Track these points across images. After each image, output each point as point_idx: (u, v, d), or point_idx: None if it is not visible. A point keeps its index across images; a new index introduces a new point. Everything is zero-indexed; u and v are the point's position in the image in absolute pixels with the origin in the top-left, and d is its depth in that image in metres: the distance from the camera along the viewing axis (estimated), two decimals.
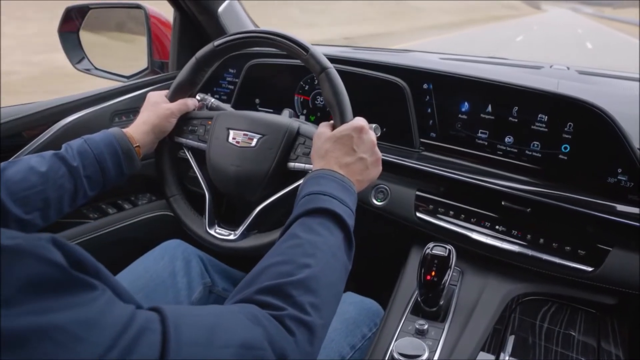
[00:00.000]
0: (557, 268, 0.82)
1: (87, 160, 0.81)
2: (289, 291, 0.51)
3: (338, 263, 0.60)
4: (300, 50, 0.80)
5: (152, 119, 0.90)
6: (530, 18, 33.97)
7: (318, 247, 0.58)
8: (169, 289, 0.98)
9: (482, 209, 0.91)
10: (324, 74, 0.79)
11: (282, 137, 0.85)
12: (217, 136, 0.89)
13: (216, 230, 0.89)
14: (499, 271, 0.88)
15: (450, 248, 0.81)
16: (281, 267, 0.55)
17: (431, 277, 0.79)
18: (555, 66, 1.28)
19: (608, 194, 0.84)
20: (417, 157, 1.02)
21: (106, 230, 1.10)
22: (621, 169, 0.82)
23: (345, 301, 0.93)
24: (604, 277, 0.79)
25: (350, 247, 0.64)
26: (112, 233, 1.12)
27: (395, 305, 0.85)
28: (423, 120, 1.03)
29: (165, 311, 0.41)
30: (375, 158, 0.76)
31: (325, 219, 0.62)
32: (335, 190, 0.66)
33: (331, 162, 0.72)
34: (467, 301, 0.84)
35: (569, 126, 0.87)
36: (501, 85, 0.92)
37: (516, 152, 0.93)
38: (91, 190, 0.82)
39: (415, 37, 13.57)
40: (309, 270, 0.54)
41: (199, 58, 0.90)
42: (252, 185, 0.86)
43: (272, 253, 0.59)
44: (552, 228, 0.85)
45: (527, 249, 0.85)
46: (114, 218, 1.13)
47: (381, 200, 1.01)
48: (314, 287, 0.53)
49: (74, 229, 1.04)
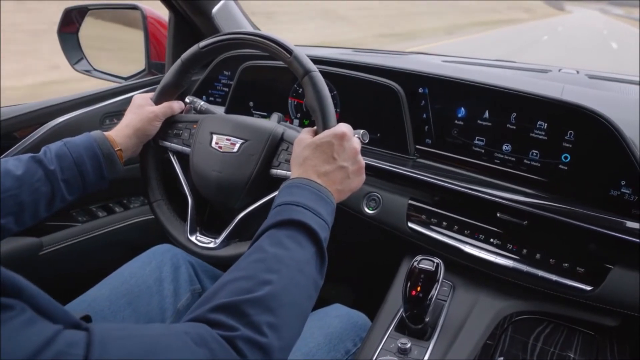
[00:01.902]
0: (554, 286, 0.77)
1: (65, 163, 0.79)
2: (245, 310, 0.48)
3: (305, 279, 0.56)
4: (283, 53, 0.77)
5: (135, 122, 0.88)
6: (549, 20, 32.49)
7: (283, 262, 0.54)
8: (153, 296, 0.96)
9: (476, 220, 0.87)
10: (307, 78, 0.75)
11: (264, 142, 0.82)
12: (200, 140, 0.87)
13: (197, 238, 0.86)
14: (492, 287, 0.84)
15: (438, 262, 0.77)
16: (241, 283, 0.52)
17: (416, 292, 0.74)
18: (564, 70, 1.22)
19: (610, 207, 0.78)
20: (412, 164, 0.98)
21: (95, 233, 1.09)
22: (625, 181, 0.77)
23: (330, 314, 0.90)
24: (604, 297, 0.74)
25: (323, 261, 0.60)
26: (101, 236, 1.10)
27: (380, 320, 0.81)
28: (418, 126, 0.99)
29: (94, 333, 0.38)
30: (357, 167, 0.72)
31: (295, 232, 0.59)
32: (309, 201, 0.63)
33: (309, 170, 0.68)
34: (456, 318, 0.79)
35: (569, 134, 0.82)
36: (498, 90, 0.87)
37: (514, 160, 0.88)
38: (70, 194, 0.80)
39: (433, 39, 13.38)
40: (269, 288, 0.51)
41: (184, 60, 0.88)
42: (233, 192, 0.83)
43: (235, 267, 0.56)
44: (550, 243, 0.80)
45: (522, 265, 0.80)
46: (104, 221, 1.12)
47: (373, 208, 0.97)
48: (274, 306, 0.50)
49: (61, 232, 1.03)
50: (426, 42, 12.06)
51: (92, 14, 1.38)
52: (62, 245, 1.02)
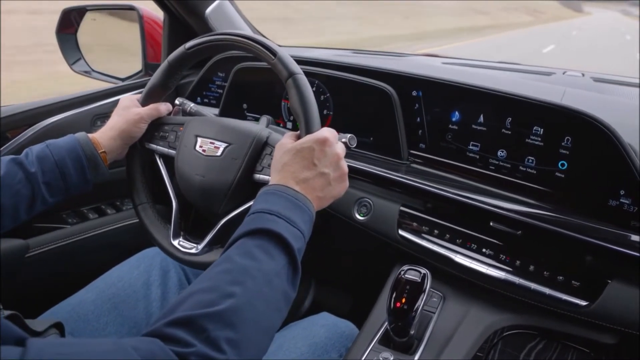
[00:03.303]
0: (547, 300, 0.73)
1: (46, 165, 0.78)
2: (203, 324, 0.46)
3: (273, 292, 0.53)
4: (267, 54, 0.75)
5: (120, 124, 0.86)
6: (559, 24, 30.15)
7: (249, 274, 0.52)
8: (140, 300, 0.94)
9: (469, 229, 0.83)
10: (291, 80, 0.73)
11: (248, 146, 0.79)
12: (185, 143, 0.85)
13: (180, 243, 0.84)
14: (484, 298, 0.80)
15: (425, 272, 0.73)
16: (203, 296, 0.50)
17: (401, 304, 0.71)
18: (568, 72, 1.18)
19: (609, 218, 0.74)
20: (405, 169, 0.95)
21: (84, 235, 1.08)
22: (624, 190, 0.73)
23: (317, 323, 0.87)
24: (600, 313, 0.70)
25: (295, 273, 0.57)
26: (91, 239, 1.09)
27: (365, 332, 0.78)
28: (412, 130, 0.96)
29: (30, 349, 0.36)
30: (339, 173, 0.69)
31: (266, 241, 0.56)
32: (284, 209, 0.60)
33: (287, 176, 0.66)
34: (443, 331, 0.76)
35: (566, 140, 0.78)
36: (493, 93, 0.83)
37: (509, 167, 0.85)
38: (51, 197, 0.79)
39: (443, 41, 12.98)
40: (232, 301, 0.49)
41: (170, 61, 0.86)
42: (216, 197, 0.81)
43: (202, 277, 0.54)
44: (545, 254, 0.76)
45: (514, 277, 0.76)
46: (94, 223, 1.11)
47: (364, 214, 0.94)
48: (235, 321, 0.48)
49: (49, 234, 1.02)
50: (429, 46, 11.68)
51: (91, 15, 1.38)
52: (49, 248, 1.01)
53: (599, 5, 58.43)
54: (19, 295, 0.90)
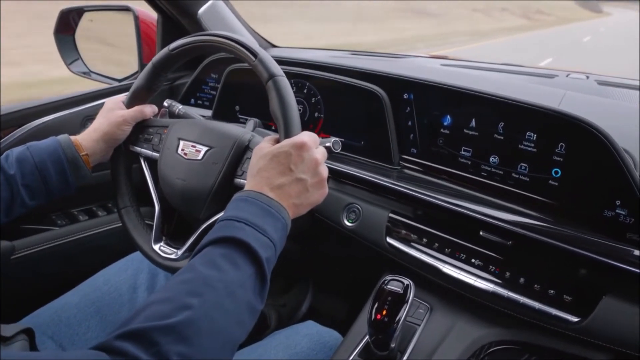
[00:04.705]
0: (537, 315, 0.69)
1: (26, 168, 0.77)
2: (154, 338, 0.44)
3: (235, 304, 0.51)
4: (248, 55, 0.73)
5: (104, 126, 0.85)
6: (574, 26, 25.37)
7: (210, 285, 0.50)
8: (124, 305, 0.93)
9: (459, 238, 0.80)
10: (271, 82, 0.71)
11: (229, 150, 0.77)
12: (168, 146, 0.84)
13: (161, 247, 0.83)
14: (471, 311, 0.77)
15: (408, 283, 0.70)
16: (160, 307, 0.47)
17: (382, 316, 0.68)
18: (572, 75, 1.13)
19: (604, 229, 0.70)
20: (397, 175, 0.92)
21: (73, 237, 1.07)
22: (620, 200, 0.69)
23: (300, 332, 0.85)
24: (592, 331, 0.66)
25: (263, 283, 0.55)
26: (81, 241, 1.08)
27: (346, 344, 0.75)
28: (404, 134, 0.93)
29: None
30: (317, 179, 0.67)
31: (232, 250, 0.54)
32: (255, 216, 0.58)
33: (262, 182, 0.63)
34: (427, 345, 0.73)
35: (560, 147, 0.74)
36: (484, 96, 0.80)
37: (502, 174, 0.81)
38: (31, 199, 0.78)
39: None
40: (188, 313, 0.46)
41: (155, 63, 0.85)
42: (197, 201, 0.79)
43: (163, 287, 0.52)
44: (536, 267, 0.72)
45: (502, 289, 0.72)
46: (84, 225, 1.10)
47: (353, 221, 0.91)
48: (189, 334, 0.45)
49: (36, 236, 1.02)
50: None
51: (89, 16, 1.37)
52: (36, 250, 1.00)
53: (618, 5, 56.14)
54: (3, 297, 0.89)
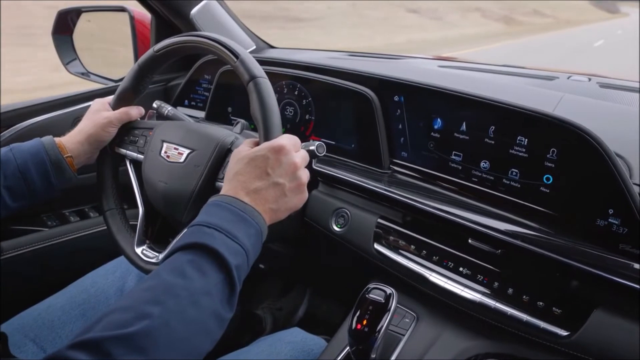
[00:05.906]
0: (524, 327, 0.67)
1: (8, 170, 0.76)
2: (109, 348, 0.42)
3: (200, 313, 0.49)
4: (230, 56, 0.71)
5: (89, 127, 0.84)
6: (583, 29, 21.76)
7: (172, 293, 0.48)
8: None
9: (447, 245, 0.78)
10: (252, 84, 0.69)
11: (211, 152, 0.76)
12: (152, 149, 0.82)
13: (143, 251, 0.82)
14: (458, 322, 0.74)
15: (391, 292, 0.68)
16: (119, 315, 0.46)
17: (362, 325, 0.66)
18: (573, 77, 1.10)
19: (596, 239, 0.67)
20: (387, 179, 0.89)
21: (63, 239, 1.07)
22: (613, 209, 0.65)
23: (283, 339, 0.83)
24: (581, 346, 0.63)
25: (232, 291, 0.53)
26: (71, 242, 1.08)
27: (327, 353, 0.73)
28: (394, 137, 0.90)
29: None
30: (296, 184, 0.65)
31: (199, 257, 0.52)
32: (226, 222, 0.56)
33: (237, 186, 0.62)
34: (410, 356, 0.70)
35: (552, 153, 0.71)
36: (475, 99, 0.77)
37: (492, 180, 0.78)
38: (13, 201, 0.78)
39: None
40: (146, 323, 0.45)
41: (140, 65, 0.84)
42: (179, 204, 0.78)
43: (127, 294, 0.50)
44: (525, 277, 0.70)
45: (490, 300, 0.70)
46: (75, 226, 1.10)
47: (341, 226, 0.89)
48: (146, 345, 0.44)
49: (25, 237, 1.01)
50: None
51: (87, 16, 1.37)
52: (24, 251, 1.00)
53: (636, 5, 53.48)
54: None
